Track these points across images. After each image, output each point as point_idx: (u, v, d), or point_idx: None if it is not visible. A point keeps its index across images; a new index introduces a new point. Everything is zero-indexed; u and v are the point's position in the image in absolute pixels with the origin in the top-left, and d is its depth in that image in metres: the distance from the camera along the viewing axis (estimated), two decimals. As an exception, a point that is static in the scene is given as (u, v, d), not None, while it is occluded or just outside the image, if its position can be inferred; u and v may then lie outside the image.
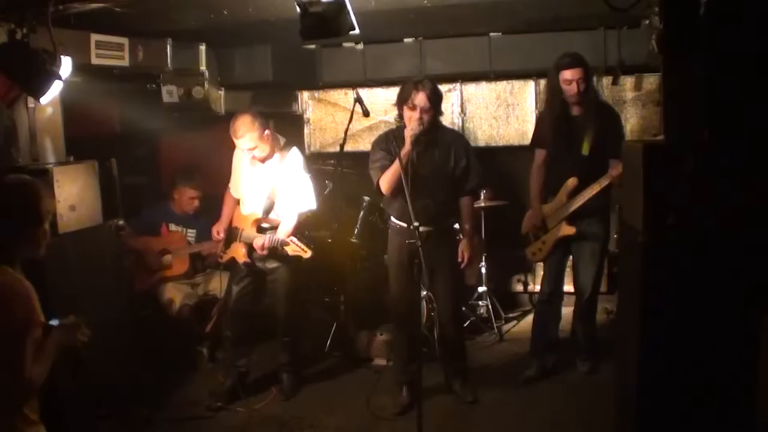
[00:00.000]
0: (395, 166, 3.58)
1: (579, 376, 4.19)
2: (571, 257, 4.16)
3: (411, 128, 3.56)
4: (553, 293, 4.15)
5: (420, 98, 3.57)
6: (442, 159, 3.75)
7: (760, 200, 2.42)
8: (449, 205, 3.85)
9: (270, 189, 3.92)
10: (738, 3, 2.40)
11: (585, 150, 3.87)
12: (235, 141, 3.79)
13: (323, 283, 5.16)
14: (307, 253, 3.77)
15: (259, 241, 3.83)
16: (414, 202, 3.38)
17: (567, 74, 3.79)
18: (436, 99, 3.62)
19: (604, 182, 3.83)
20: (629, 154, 2.80)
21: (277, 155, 3.94)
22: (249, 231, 3.94)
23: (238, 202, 4.11)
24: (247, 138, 3.73)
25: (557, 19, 4.44)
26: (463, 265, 3.84)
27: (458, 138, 3.94)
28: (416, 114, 3.57)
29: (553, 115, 3.95)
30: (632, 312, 2.66)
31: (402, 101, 3.65)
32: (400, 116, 3.69)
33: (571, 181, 3.93)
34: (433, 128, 3.69)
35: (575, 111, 3.91)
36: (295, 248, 3.77)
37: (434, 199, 3.72)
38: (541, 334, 4.22)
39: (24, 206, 2.21)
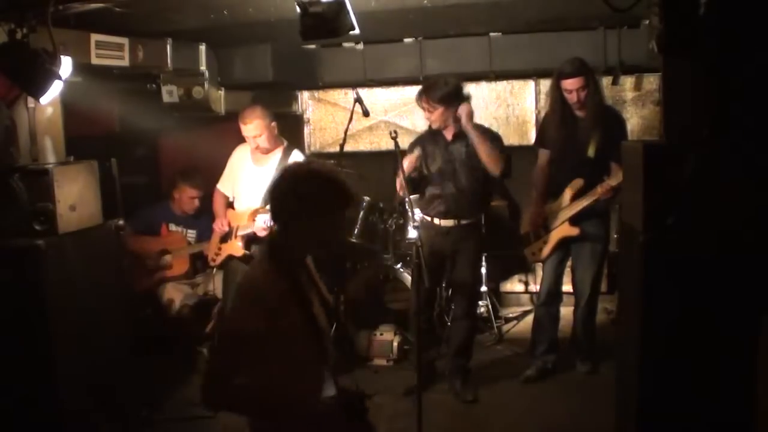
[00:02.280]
0: (410, 161, 3.74)
1: (579, 376, 4.19)
2: (570, 258, 4.16)
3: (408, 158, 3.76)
4: (552, 294, 4.15)
5: (421, 102, 3.78)
6: (469, 152, 3.80)
7: (760, 200, 2.42)
8: (477, 199, 3.88)
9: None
10: (738, 3, 2.40)
11: (591, 152, 3.88)
12: (243, 128, 3.90)
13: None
14: None
15: (264, 217, 3.84)
16: (438, 194, 3.69)
17: (567, 84, 3.82)
18: (440, 100, 3.71)
19: (610, 184, 3.82)
20: (629, 154, 2.80)
21: (279, 153, 4.01)
22: (246, 224, 3.96)
23: (227, 200, 4.17)
24: (255, 125, 3.89)
25: (557, 19, 4.44)
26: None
27: (487, 131, 3.98)
28: (426, 114, 3.80)
29: (557, 117, 3.96)
30: (632, 312, 2.66)
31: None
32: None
33: (577, 182, 3.94)
34: (455, 121, 3.79)
35: (580, 113, 3.92)
36: None
37: (463, 193, 3.81)
38: (540, 335, 4.22)
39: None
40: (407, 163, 3.72)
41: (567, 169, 4.00)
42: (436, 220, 3.84)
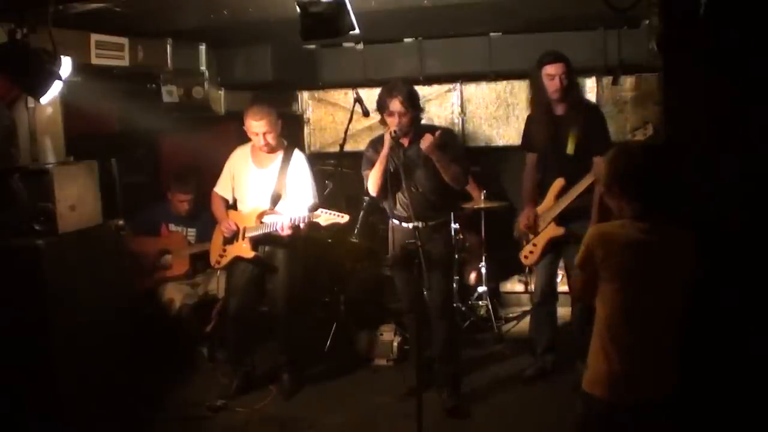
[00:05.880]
0: (377, 168, 3.72)
1: (579, 376, 4.17)
2: (562, 257, 4.12)
3: (389, 132, 3.66)
4: (546, 293, 4.12)
5: (394, 104, 3.66)
6: (427, 155, 3.73)
7: (760, 199, 2.42)
8: (441, 200, 3.86)
9: (277, 183, 3.99)
10: (738, 2, 2.40)
11: (570, 149, 3.84)
12: (253, 124, 3.89)
13: (323, 283, 5.17)
14: (344, 218, 3.78)
15: (287, 220, 3.83)
16: (404, 199, 3.58)
17: (550, 69, 3.80)
18: (410, 101, 3.68)
19: (587, 181, 3.77)
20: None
21: (281, 154, 4.04)
22: (253, 225, 3.96)
23: (227, 203, 4.17)
24: (265, 122, 3.89)
25: (557, 19, 4.44)
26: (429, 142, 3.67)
27: (444, 132, 3.91)
28: (394, 119, 3.67)
29: (539, 115, 3.95)
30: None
31: (380, 109, 3.75)
32: (383, 122, 3.78)
33: (558, 182, 3.90)
34: (415, 127, 3.76)
35: (559, 111, 3.90)
36: (329, 217, 3.78)
37: (425, 193, 3.78)
38: (538, 335, 4.22)
39: None
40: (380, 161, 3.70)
41: (550, 169, 3.97)
42: (403, 224, 3.83)
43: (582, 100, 4.01)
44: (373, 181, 3.78)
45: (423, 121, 3.95)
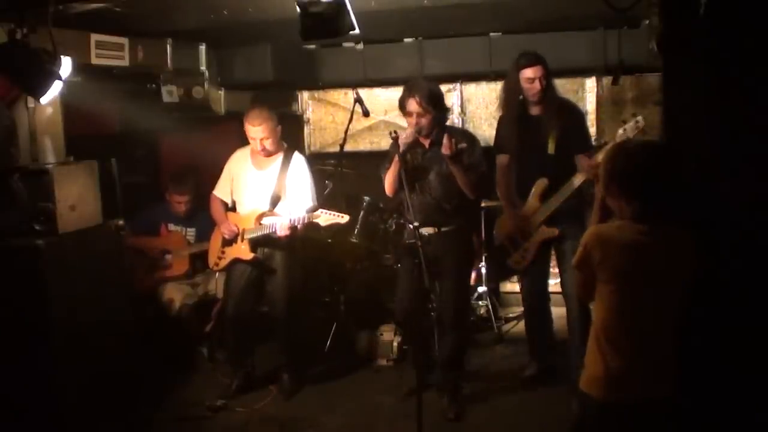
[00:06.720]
0: (393, 169, 3.65)
1: (577, 377, 4.17)
2: (553, 257, 4.08)
3: (405, 134, 3.58)
4: (534, 294, 4.11)
5: (411, 104, 3.57)
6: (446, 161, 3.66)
7: (760, 199, 2.42)
8: (456, 205, 3.72)
9: (277, 185, 3.98)
10: (738, 3, 2.40)
11: (551, 149, 3.80)
12: (251, 129, 3.87)
13: (323, 283, 5.17)
14: (344, 218, 3.77)
15: (285, 221, 3.82)
16: (414, 202, 3.45)
17: (528, 72, 3.74)
18: (430, 101, 3.56)
19: (578, 180, 3.72)
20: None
21: (281, 157, 4.03)
22: (252, 227, 3.96)
23: (226, 205, 4.17)
24: (263, 127, 3.85)
25: (557, 19, 4.44)
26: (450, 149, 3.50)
27: (465, 136, 3.83)
28: (412, 119, 3.59)
29: (513, 116, 3.89)
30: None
31: (400, 108, 3.69)
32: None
33: (541, 182, 3.85)
34: (436, 128, 3.65)
35: (535, 111, 3.86)
36: (328, 218, 3.76)
37: (438, 199, 3.69)
38: (536, 336, 4.21)
39: None
40: (394, 163, 3.63)
41: (531, 169, 3.91)
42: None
43: (559, 99, 3.97)
44: (387, 183, 3.73)
45: None
